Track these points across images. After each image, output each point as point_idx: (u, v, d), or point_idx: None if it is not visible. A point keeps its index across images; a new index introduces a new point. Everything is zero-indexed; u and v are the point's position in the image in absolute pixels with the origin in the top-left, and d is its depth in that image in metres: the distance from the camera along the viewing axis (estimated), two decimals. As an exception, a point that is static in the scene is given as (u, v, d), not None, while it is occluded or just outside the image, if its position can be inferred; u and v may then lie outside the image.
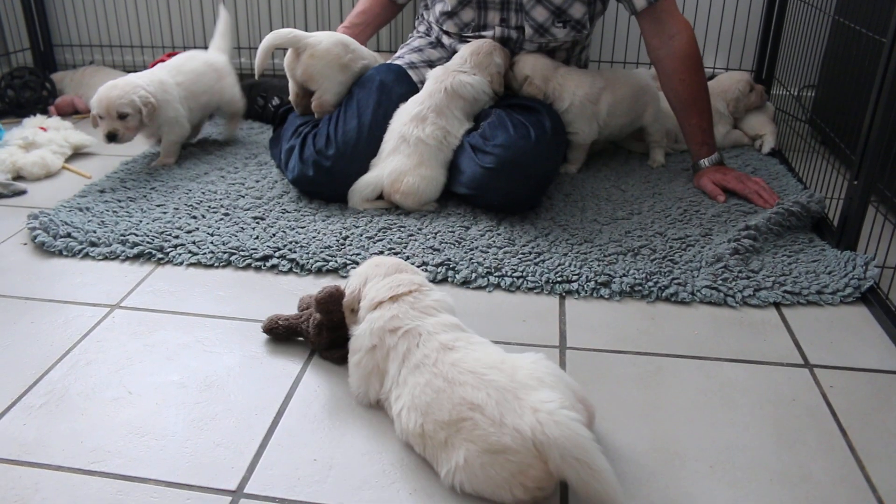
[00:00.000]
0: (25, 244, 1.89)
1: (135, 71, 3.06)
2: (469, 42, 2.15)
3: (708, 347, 1.46)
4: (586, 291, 1.64)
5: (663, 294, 1.62)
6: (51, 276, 1.73)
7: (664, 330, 1.52)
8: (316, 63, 2.11)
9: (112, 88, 2.19)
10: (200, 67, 2.47)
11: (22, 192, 2.22)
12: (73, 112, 3.05)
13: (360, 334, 1.26)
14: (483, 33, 2.17)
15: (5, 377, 1.38)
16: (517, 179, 1.90)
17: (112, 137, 2.19)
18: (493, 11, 2.14)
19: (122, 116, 2.18)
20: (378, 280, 1.29)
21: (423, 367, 1.15)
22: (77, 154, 2.55)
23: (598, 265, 1.72)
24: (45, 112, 2.94)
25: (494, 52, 2.09)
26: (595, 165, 2.36)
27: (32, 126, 2.60)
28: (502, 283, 1.66)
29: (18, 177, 2.32)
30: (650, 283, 1.64)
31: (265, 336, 1.49)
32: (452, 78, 2.03)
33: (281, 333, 1.46)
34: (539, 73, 2.15)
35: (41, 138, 2.47)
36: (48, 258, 1.82)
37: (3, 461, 1.18)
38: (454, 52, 2.18)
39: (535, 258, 1.75)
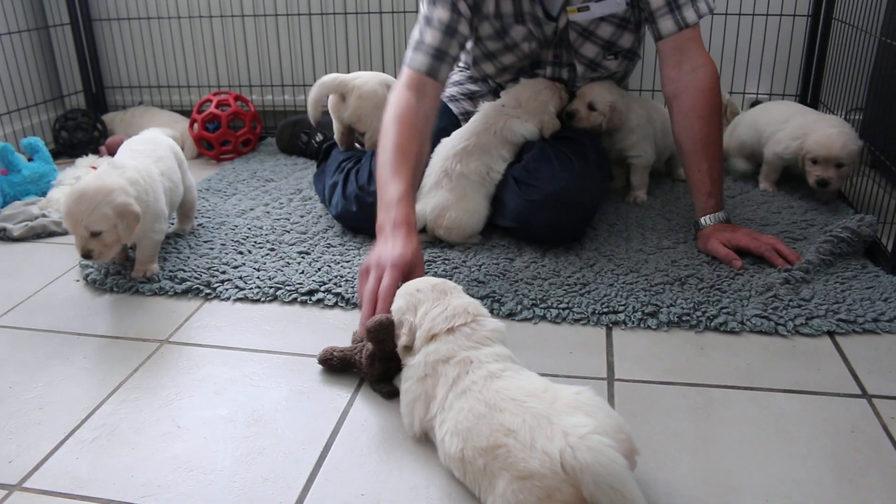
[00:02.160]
0: (78, 281, 1.93)
1: (182, 111, 3.18)
2: (524, 80, 2.13)
3: (760, 378, 1.43)
4: (633, 322, 1.62)
5: (712, 324, 1.59)
6: (102, 312, 1.77)
7: (714, 360, 1.49)
8: (364, 104, 2.17)
9: (80, 199, 1.68)
10: (169, 153, 2.02)
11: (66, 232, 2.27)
12: (124, 151, 3.12)
13: (415, 364, 1.25)
14: (537, 70, 2.15)
15: (59, 411, 1.41)
16: (561, 211, 1.90)
17: (88, 256, 1.73)
18: (547, 49, 2.10)
19: (95, 234, 1.71)
20: (429, 305, 1.28)
21: (469, 393, 1.14)
22: (127, 192, 2.60)
23: (645, 295, 1.70)
24: (96, 152, 3.02)
25: (550, 102, 2.07)
26: (625, 201, 2.34)
27: (85, 166, 2.67)
28: (548, 315, 1.65)
29: (71, 215, 2.37)
30: (698, 313, 1.62)
31: (312, 370, 1.49)
32: (504, 122, 2.02)
33: (335, 365, 1.46)
34: (604, 101, 2.13)
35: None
36: (99, 294, 1.86)
37: (57, 494, 1.20)
38: (496, 86, 2.19)
39: (580, 289, 1.74)
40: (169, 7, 3.21)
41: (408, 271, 1.52)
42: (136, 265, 1.89)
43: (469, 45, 2.12)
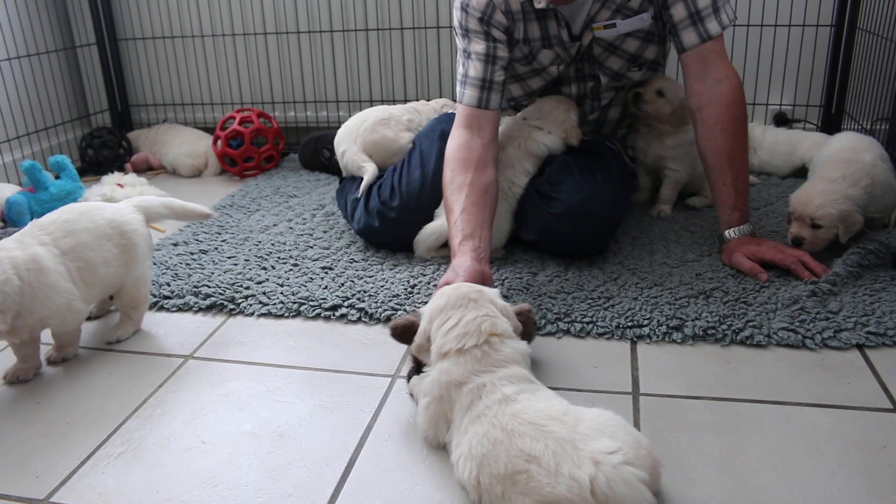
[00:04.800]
0: (104, 297, 1.94)
1: (206, 128, 3.21)
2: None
3: (787, 392, 1.41)
4: (658, 336, 1.60)
5: (738, 337, 1.58)
6: (128, 328, 1.78)
7: (740, 374, 1.47)
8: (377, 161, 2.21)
9: None
10: (100, 228, 1.63)
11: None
12: (148, 168, 3.16)
13: (430, 382, 1.25)
14: (561, 88, 2.14)
15: (85, 426, 1.42)
16: (584, 224, 1.89)
17: None
18: (569, 65, 2.08)
19: None
20: (445, 315, 1.28)
21: (484, 418, 1.13)
22: (152, 209, 2.63)
23: (670, 309, 1.68)
24: (121, 169, 3.06)
25: (572, 109, 2.07)
26: (648, 213, 2.33)
27: (110, 183, 2.70)
28: (572, 329, 1.64)
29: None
30: (724, 326, 1.60)
31: (336, 385, 1.50)
32: (527, 135, 2.02)
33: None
34: (674, 92, 2.14)
35: (119, 194, 2.57)
36: (125, 310, 1.87)
37: (83, 511, 1.20)
38: (512, 97, 2.19)
39: (604, 303, 1.73)
40: (192, 26, 3.25)
41: (478, 281, 1.55)
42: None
43: None
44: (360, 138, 2.21)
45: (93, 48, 3.37)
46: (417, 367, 1.42)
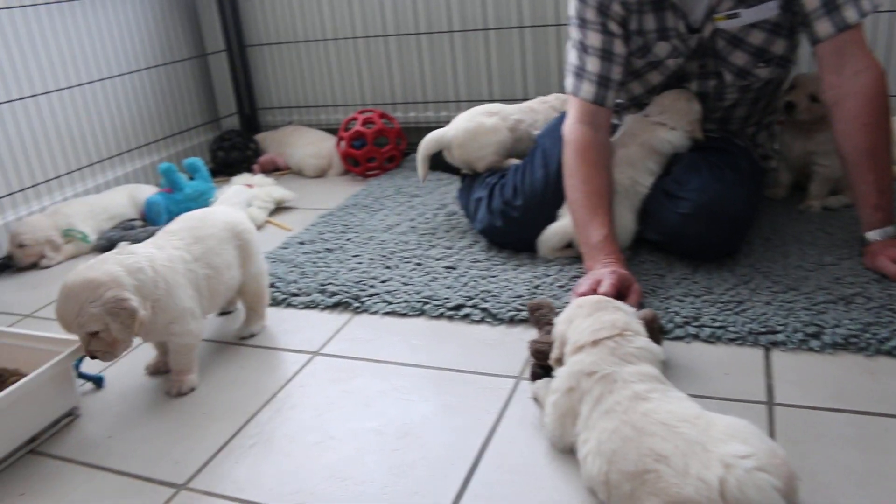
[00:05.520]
0: (235, 293, 2.02)
1: (329, 129, 3.28)
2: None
3: (942, 407, 1.32)
4: (794, 343, 1.52)
5: (884, 347, 1.48)
6: (258, 323, 1.84)
7: (887, 387, 1.38)
8: (465, 151, 2.21)
9: (66, 299, 1.41)
10: (218, 231, 1.67)
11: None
12: (275, 169, 3.26)
13: (561, 375, 1.25)
14: (683, 84, 2.09)
15: (220, 417, 1.48)
16: (714, 224, 1.82)
17: (94, 357, 1.46)
18: (691, 61, 2.01)
19: (93, 334, 1.42)
20: (581, 320, 1.28)
21: (613, 414, 1.12)
22: (279, 208, 2.72)
23: (806, 315, 1.60)
24: (250, 170, 3.17)
25: (694, 101, 2.01)
26: (795, 207, 2.22)
27: (240, 184, 2.79)
28: (701, 334, 1.59)
29: (228, 230, 2.49)
30: (868, 335, 1.51)
31: (460, 385, 1.50)
32: (650, 133, 1.97)
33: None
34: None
35: (248, 194, 2.65)
36: (255, 306, 1.93)
37: (219, 496, 1.26)
38: (633, 96, 2.13)
39: (735, 307, 1.66)
40: (316, 30, 3.33)
41: (626, 285, 1.57)
42: (171, 376, 1.61)
43: None
44: (457, 125, 2.23)
45: (222, 55, 3.51)
46: (539, 372, 1.41)
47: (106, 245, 2.50)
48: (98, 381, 1.64)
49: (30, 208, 2.66)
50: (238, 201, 1.82)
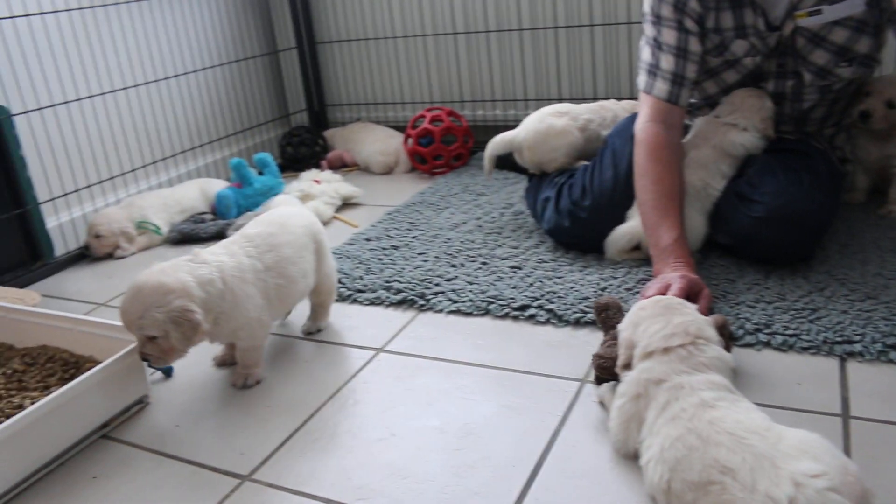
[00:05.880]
0: (301, 288, 2.04)
1: (397, 126, 3.30)
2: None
3: None
4: (872, 354, 1.47)
5: (971, 361, 1.42)
6: (323, 319, 1.85)
7: (975, 403, 1.32)
8: (535, 154, 2.19)
9: (134, 297, 1.40)
10: (299, 239, 1.66)
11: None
12: (342, 165, 3.29)
13: (629, 381, 1.22)
14: (760, 84, 2.02)
15: (285, 410, 1.49)
16: (789, 229, 1.77)
17: (145, 360, 1.45)
18: (770, 59, 1.94)
19: (150, 338, 1.41)
20: (650, 322, 1.25)
21: (679, 421, 1.09)
22: (346, 204, 2.74)
23: (886, 325, 1.54)
24: (318, 166, 3.20)
25: (765, 96, 1.95)
26: (875, 212, 2.14)
27: (308, 179, 2.83)
28: (772, 342, 1.54)
29: (296, 226, 2.52)
30: (952, 348, 1.45)
31: (523, 386, 1.48)
32: (722, 135, 1.92)
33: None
34: None
35: (315, 190, 2.68)
36: (321, 301, 1.95)
37: (282, 489, 1.27)
38: (707, 95, 2.08)
39: (809, 315, 1.61)
40: (385, 28, 3.35)
41: (696, 290, 1.53)
42: (237, 369, 1.63)
43: None
44: (527, 126, 2.21)
45: (293, 52, 3.55)
46: (602, 377, 1.38)
47: (177, 237, 2.56)
48: (167, 371, 1.67)
49: (106, 200, 2.73)
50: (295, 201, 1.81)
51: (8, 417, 1.37)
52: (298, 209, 1.76)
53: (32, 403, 1.41)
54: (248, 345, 1.58)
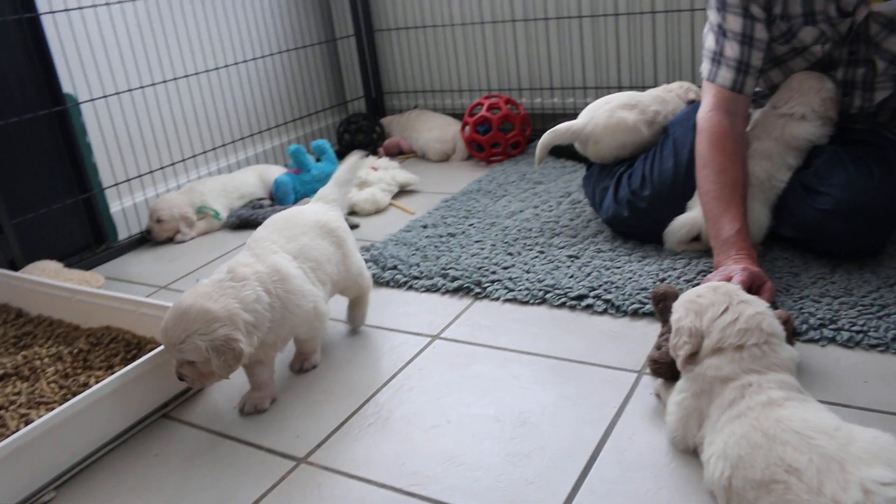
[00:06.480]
0: (358, 274, 2.05)
1: (454, 114, 3.29)
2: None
3: None
4: (946, 354, 1.42)
5: None
6: (379, 305, 1.86)
7: None
8: (601, 148, 2.13)
9: (177, 320, 1.35)
10: (311, 230, 1.63)
11: (355, 227, 2.43)
12: (399, 152, 3.30)
13: (692, 376, 1.18)
14: (829, 73, 1.96)
15: (341, 395, 1.50)
16: (857, 222, 1.71)
17: (181, 379, 1.40)
18: (840, 47, 1.87)
19: (189, 361, 1.37)
20: (716, 310, 1.20)
21: (744, 418, 1.06)
22: (402, 191, 2.75)
23: (958, 322, 1.48)
24: (375, 153, 3.21)
25: (825, 78, 1.87)
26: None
27: (365, 166, 2.84)
28: (838, 338, 1.49)
29: (352, 212, 2.54)
30: None
31: (579, 376, 1.47)
32: (781, 128, 1.86)
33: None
34: None
35: (372, 177, 2.69)
36: (378, 288, 1.96)
37: (336, 472, 1.28)
38: (773, 84, 2.02)
39: (877, 311, 1.55)
40: (444, 15, 3.34)
41: (758, 283, 1.49)
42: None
43: None
44: (596, 119, 2.16)
45: (351, 40, 3.57)
46: (659, 369, 1.35)
47: (236, 222, 2.60)
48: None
49: (167, 185, 2.79)
50: (334, 199, 1.74)
51: (74, 395, 1.42)
52: (309, 206, 1.72)
53: (97, 382, 1.45)
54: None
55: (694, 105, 2.07)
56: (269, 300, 1.42)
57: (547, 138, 2.17)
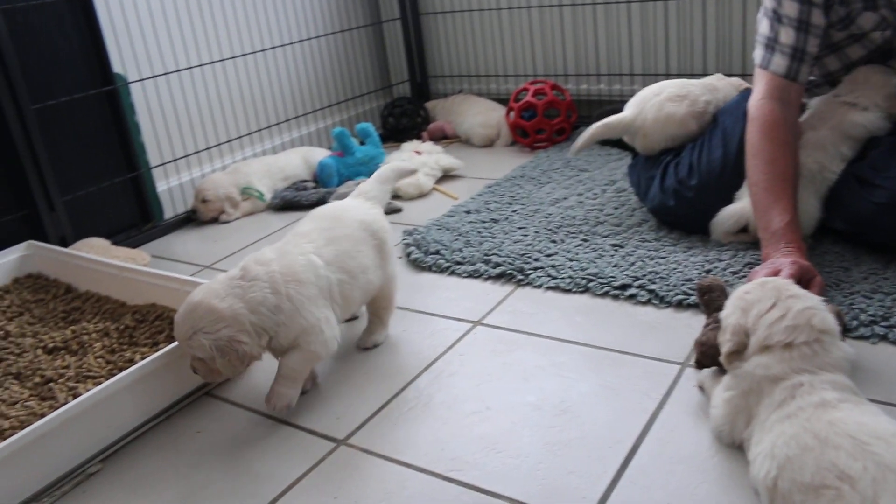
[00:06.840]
0: (401, 258, 2.05)
1: (499, 99, 3.27)
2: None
3: None
4: None
5: None
6: (421, 289, 1.86)
7: None
8: (649, 141, 2.09)
9: (186, 317, 1.36)
10: (356, 233, 1.55)
11: (398, 210, 2.43)
12: (443, 137, 3.29)
13: (740, 374, 1.16)
14: (889, 62, 1.89)
15: (381, 378, 1.51)
16: (914, 217, 1.67)
17: (195, 372, 1.40)
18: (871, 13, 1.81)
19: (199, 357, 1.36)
20: (763, 306, 1.16)
21: (794, 419, 1.03)
22: (446, 176, 2.74)
23: None
24: (419, 137, 3.20)
25: (890, 73, 1.82)
26: None
27: (409, 150, 2.84)
28: (890, 335, 1.45)
29: (396, 196, 2.54)
30: None
31: (621, 366, 1.45)
32: (841, 116, 1.81)
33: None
34: None
35: (416, 161, 2.69)
36: (420, 272, 1.96)
37: (376, 455, 1.29)
38: (828, 72, 1.97)
39: (932, 308, 1.52)
40: (490, -1, 3.32)
41: (807, 277, 1.45)
42: (272, 384, 1.43)
43: None
44: (644, 113, 2.12)
45: (397, 23, 3.55)
46: (704, 363, 1.33)
47: (280, 204, 2.62)
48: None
49: (213, 166, 2.82)
50: (375, 195, 1.68)
51: (121, 370, 1.44)
52: (357, 202, 1.64)
53: (143, 358, 1.47)
54: (310, 350, 1.41)
55: (745, 93, 2.02)
56: (276, 303, 1.37)
57: (598, 131, 2.14)
